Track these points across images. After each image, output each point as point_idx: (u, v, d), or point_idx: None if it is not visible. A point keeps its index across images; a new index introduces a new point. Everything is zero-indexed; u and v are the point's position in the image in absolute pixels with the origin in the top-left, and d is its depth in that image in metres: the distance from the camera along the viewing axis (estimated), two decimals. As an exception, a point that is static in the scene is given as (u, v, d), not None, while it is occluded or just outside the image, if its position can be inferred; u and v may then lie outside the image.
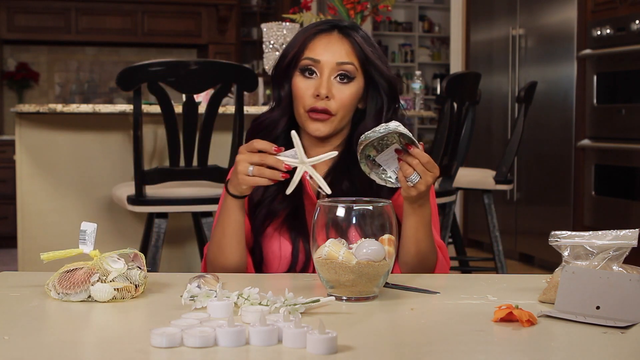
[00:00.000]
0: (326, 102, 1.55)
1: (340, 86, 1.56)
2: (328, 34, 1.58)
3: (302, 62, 1.57)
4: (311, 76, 1.57)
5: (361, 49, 1.57)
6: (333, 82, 1.56)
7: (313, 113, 1.55)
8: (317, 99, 1.55)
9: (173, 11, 7.26)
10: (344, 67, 1.56)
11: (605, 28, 4.52)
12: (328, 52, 1.56)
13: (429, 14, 8.54)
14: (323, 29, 1.59)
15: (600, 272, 1.15)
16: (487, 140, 5.69)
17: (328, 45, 1.57)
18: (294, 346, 0.96)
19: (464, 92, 3.27)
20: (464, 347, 1.00)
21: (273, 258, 1.58)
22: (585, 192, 4.76)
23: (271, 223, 1.59)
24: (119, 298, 1.22)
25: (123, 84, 2.48)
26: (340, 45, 1.57)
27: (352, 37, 1.58)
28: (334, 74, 1.56)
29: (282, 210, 1.58)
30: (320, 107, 1.55)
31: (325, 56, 1.56)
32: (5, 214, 5.96)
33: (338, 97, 1.55)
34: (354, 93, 1.57)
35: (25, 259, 3.28)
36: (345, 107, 1.57)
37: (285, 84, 1.61)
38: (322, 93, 1.54)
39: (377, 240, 1.21)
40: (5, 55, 7.20)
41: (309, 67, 1.56)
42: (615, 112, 4.52)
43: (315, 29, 1.60)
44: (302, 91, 1.56)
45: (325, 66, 1.55)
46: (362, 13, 3.53)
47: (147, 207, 2.62)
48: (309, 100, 1.56)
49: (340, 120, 1.58)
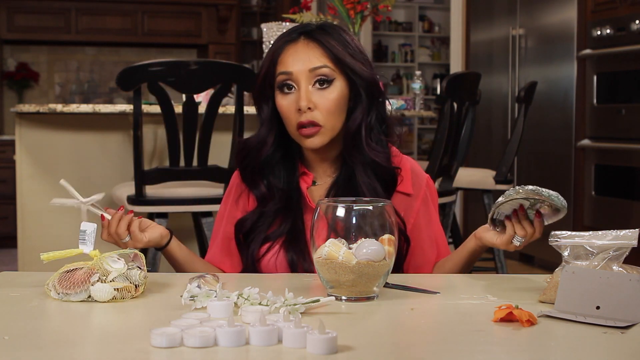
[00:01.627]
0: (310, 113, 1.49)
1: (321, 93, 1.49)
2: (294, 43, 1.52)
3: (277, 79, 1.51)
4: (290, 91, 1.50)
5: (330, 49, 1.50)
6: (312, 90, 1.49)
7: (302, 129, 1.50)
8: (300, 113, 1.49)
9: (173, 11, 7.26)
10: (318, 72, 1.49)
11: (605, 28, 4.52)
12: (297, 61, 1.49)
13: (429, 14, 8.54)
14: (288, 40, 1.52)
15: (600, 272, 1.15)
16: (487, 140, 5.69)
17: (295, 54, 1.50)
18: (294, 346, 0.96)
19: (464, 92, 3.27)
20: (464, 347, 1.00)
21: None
22: (585, 192, 4.76)
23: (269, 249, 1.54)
24: (119, 298, 1.22)
25: (123, 84, 2.48)
26: (307, 51, 1.50)
27: (319, 39, 1.51)
28: (311, 81, 1.49)
29: (279, 235, 1.54)
30: (305, 120, 1.49)
31: (296, 66, 1.49)
32: (5, 214, 5.96)
33: (321, 105, 1.49)
34: (337, 96, 1.50)
35: (25, 259, 3.28)
36: (332, 114, 1.50)
37: (264, 105, 1.55)
38: (303, 105, 1.48)
39: (377, 240, 1.21)
40: (5, 55, 7.20)
41: (286, 82, 1.50)
42: (615, 112, 4.52)
43: (280, 41, 1.53)
44: (285, 109, 1.51)
45: (299, 76, 1.49)
46: (362, 13, 3.53)
47: (147, 207, 2.62)
48: (294, 117, 1.50)
49: (332, 128, 1.51)
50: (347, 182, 1.55)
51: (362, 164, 1.53)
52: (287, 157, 1.59)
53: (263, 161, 1.56)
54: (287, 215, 1.55)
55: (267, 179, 1.57)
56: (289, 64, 1.50)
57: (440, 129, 3.16)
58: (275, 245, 1.53)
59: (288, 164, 1.59)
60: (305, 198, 1.56)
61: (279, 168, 1.58)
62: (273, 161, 1.57)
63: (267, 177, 1.57)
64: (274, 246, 1.53)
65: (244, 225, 1.57)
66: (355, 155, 1.53)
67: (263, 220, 1.56)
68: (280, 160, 1.58)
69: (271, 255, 1.53)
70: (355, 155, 1.53)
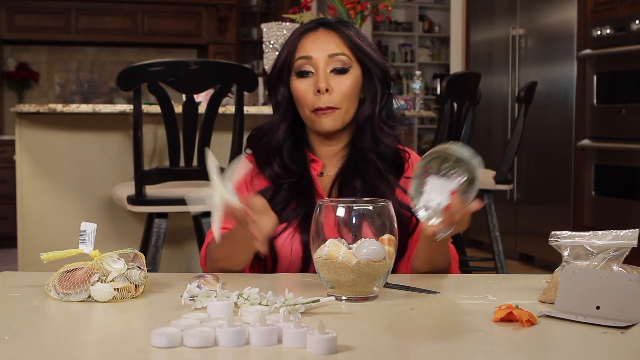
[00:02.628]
0: (328, 97, 1.55)
1: (338, 78, 1.57)
2: (314, 31, 1.60)
3: (295, 64, 1.58)
4: (307, 76, 1.57)
5: (349, 38, 1.58)
6: (330, 75, 1.56)
7: (318, 111, 1.56)
8: (318, 96, 1.55)
9: (173, 11, 7.26)
10: (336, 58, 1.57)
11: (605, 28, 4.52)
12: (317, 46, 1.57)
13: (429, 14, 8.54)
14: (309, 28, 1.61)
15: (600, 272, 1.15)
16: (487, 140, 5.69)
17: (316, 40, 1.58)
18: (294, 346, 0.96)
19: (464, 92, 3.27)
20: (464, 347, 1.00)
21: (284, 261, 1.56)
22: (585, 192, 4.76)
23: (285, 229, 1.55)
24: (119, 298, 1.22)
25: (123, 84, 2.48)
26: (328, 38, 1.58)
27: (338, 29, 1.59)
28: (329, 67, 1.56)
29: (296, 217, 1.55)
30: (323, 105, 1.55)
31: (315, 51, 1.57)
32: (5, 214, 5.96)
33: (338, 89, 1.56)
34: (353, 82, 1.57)
35: (25, 259, 3.28)
36: (347, 98, 1.57)
37: (281, 88, 1.61)
38: (322, 87, 1.54)
39: (377, 240, 1.21)
40: (5, 55, 7.20)
41: (304, 67, 1.57)
42: (615, 112, 4.52)
43: (301, 28, 1.61)
44: (302, 92, 1.57)
45: (318, 61, 1.56)
46: (362, 13, 3.53)
47: (147, 207, 2.62)
48: (311, 100, 1.56)
49: (346, 112, 1.57)
50: (354, 170, 1.58)
51: (373, 150, 1.58)
52: (298, 145, 1.63)
53: (275, 145, 1.60)
54: (301, 198, 1.57)
55: (279, 158, 1.61)
56: (309, 49, 1.57)
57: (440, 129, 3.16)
58: (291, 226, 1.55)
59: (298, 151, 1.62)
60: (315, 184, 1.59)
61: (290, 151, 1.62)
62: (284, 147, 1.61)
63: (279, 157, 1.61)
64: (289, 227, 1.55)
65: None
66: (366, 139, 1.59)
67: (279, 197, 1.56)
68: (291, 147, 1.62)
69: (287, 235, 1.54)
70: (366, 139, 1.59)
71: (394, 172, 1.59)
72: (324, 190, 1.59)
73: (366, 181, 1.56)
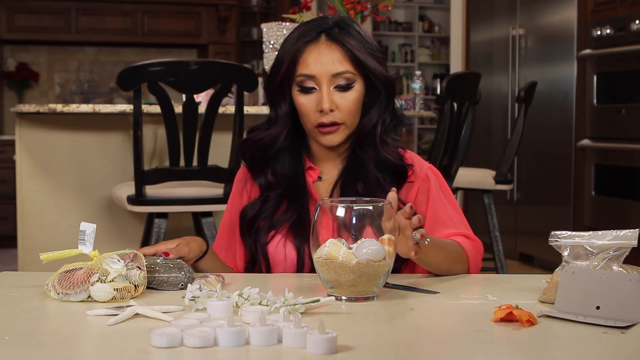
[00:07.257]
0: (332, 114, 1.51)
1: (341, 94, 1.52)
2: (316, 43, 1.52)
3: (297, 79, 1.53)
4: (311, 92, 1.53)
5: (351, 51, 1.51)
6: (333, 91, 1.52)
7: (322, 128, 1.53)
8: (321, 114, 1.51)
9: (173, 11, 7.26)
10: (340, 77, 1.51)
11: (605, 28, 4.52)
12: (320, 65, 1.51)
13: (429, 14, 8.54)
14: (309, 40, 1.52)
15: (600, 272, 1.15)
16: (487, 140, 5.69)
17: (319, 57, 1.51)
18: (294, 346, 0.96)
19: (464, 92, 3.27)
20: (464, 347, 1.00)
21: (278, 267, 1.55)
22: (585, 192, 4.76)
23: (276, 234, 1.55)
24: (119, 298, 1.22)
25: (123, 84, 2.48)
26: (330, 54, 1.51)
27: (341, 41, 1.52)
28: (332, 84, 1.51)
29: (286, 221, 1.55)
30: (327, 121, 1.51)
31: (318, 71, 1.50)
32: (5, 214, 5.96)
33: (342, 106, 1.52)
34: (357, 97, 1.53)
35: (25, 259, 3.28)
36: (351, 113, 1.54)
37: (282, 101, 1.56)
38: (326, 108, 1.50)
39: (377, 240, 1.21)
40: (5, 55, 7.20)
41: (306, 84, 1.52)
42: (615, 112, 4.52)
43: (302, 40, 1.52)
44: (305, 107, 1.53)
45: (321, 79, 1.51)
46: (362, 13, 3.53)
47: (147, 207, 2.62)
48: (314, 117, 1.52)
49: (351, 126, 1.55)
50: (353, 174, 1.57)
51: (373, 159, 1.56)
52: (294, 148, 1.61)
53: (271, 155, 1.58)
54: (292, 203, 1.56)
55: (272, 167, 1.59)
56: (312, 66, 1.51)
57: (440, 129, 3.16)
58: (282, 230, 1.54)
59: (294, 154, 1.61)
60: (311, 190, 1.58)
61: (285, 157, 1.60)
62: (281, 155, 1.59)
63: (273, 166, 1.59)
64: (280, 231, 1.55)
65: (248, 212, 1.58)
66: (368, 151, 1.57)
67: (267, 205, 1.57)
68: (286, 150, 1.60)
69: (278, 240, 1.54)
70: (368, 151, 1.57)
71: (394, 183, 1.55)
72: (322, 195, 1.58)
73: (369, 184, 1.55)
